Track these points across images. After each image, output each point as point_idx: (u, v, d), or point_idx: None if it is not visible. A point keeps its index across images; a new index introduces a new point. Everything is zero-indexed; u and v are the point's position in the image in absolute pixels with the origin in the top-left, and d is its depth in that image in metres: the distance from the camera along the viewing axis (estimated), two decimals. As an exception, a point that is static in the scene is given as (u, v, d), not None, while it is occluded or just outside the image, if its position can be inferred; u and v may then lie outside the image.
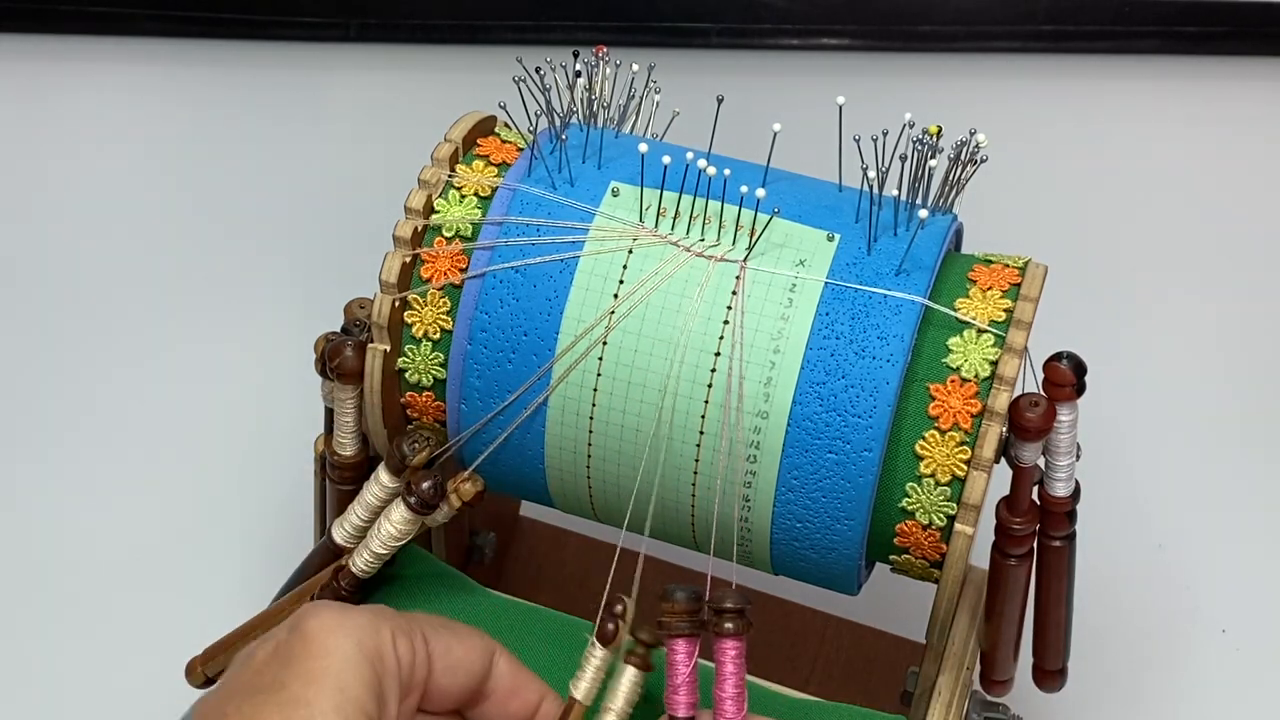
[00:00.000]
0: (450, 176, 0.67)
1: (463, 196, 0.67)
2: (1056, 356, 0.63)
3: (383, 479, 0.66)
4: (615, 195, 0.65)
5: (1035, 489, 0.65)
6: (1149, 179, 1.09)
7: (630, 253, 0.64)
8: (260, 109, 1.10)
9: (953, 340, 0.63)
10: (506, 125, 0.70)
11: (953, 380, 0.62)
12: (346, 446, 0.70)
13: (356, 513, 0.67)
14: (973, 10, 1.14)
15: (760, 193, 0.63)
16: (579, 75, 0.68)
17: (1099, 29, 1.14)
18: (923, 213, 0.64)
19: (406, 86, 1.12)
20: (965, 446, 0.62)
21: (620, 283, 0.64)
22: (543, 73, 0.67)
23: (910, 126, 0.64)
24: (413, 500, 0.65)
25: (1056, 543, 0.67)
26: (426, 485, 0.64)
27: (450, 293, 0.66)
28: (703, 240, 0.64)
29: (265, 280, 1.02)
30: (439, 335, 0.66)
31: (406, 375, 0.67)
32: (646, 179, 0.65)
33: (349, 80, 1.13)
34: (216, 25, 1.13)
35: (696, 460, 0.63)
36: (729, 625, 0.58)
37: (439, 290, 0.66)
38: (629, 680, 0.59)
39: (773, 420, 0.62)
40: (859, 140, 0.63)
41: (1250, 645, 0.88)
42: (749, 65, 1.14)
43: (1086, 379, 0.63)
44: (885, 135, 0.63)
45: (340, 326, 0.69)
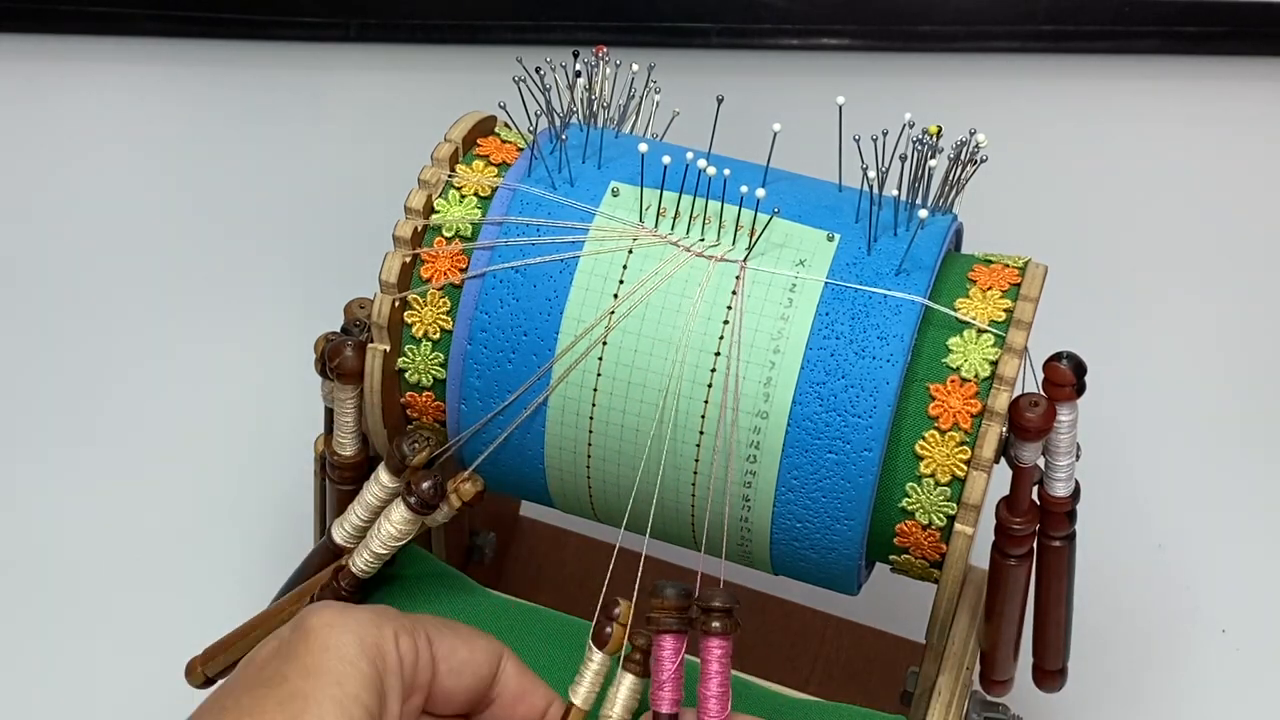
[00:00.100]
0: (450, 176, 0.67)
1: (463, 196, 0.67)
2: (1056, 356, 0.63)
3: (383, 479, 0.66)
4: (615, 195, 0.65)
5: (1035, 489, 0.65)
6: (1149, 179, 1.09)
7: (630, 253, 0.64)
8: (260, 109, 1.10)
9: (953, 340, 0.63)
10: (506, 125, 0.70)
11: (953, 380, 0.62)
12: (346, 446, 0.70)
13: (356, 513, 0.67)
14: (973, 10, 1.14)
15: (760, 193, 0.63)
16: (579, 75, 0.68)
17: (1099, 29, 1.14)
18: (923, 213, 0.64)
19: (406, 86, 1.12)
20: (965, 446, 0.62)
21: (620, 283, 0.64)
22: (543, 73, 0.67)
23: (910, 126, 0.64)
24: (413, 500, 0.64)
25: (1056, 543, 0.67)
26: (426, 485, 0.64)
27: (450, 293, 0.66)
28: (703, 240, 0.64)
29: (265, 280, 1.01)
30: (439, 335, 0.66)
31: (406, 375, 0.67)
32: (646, 179, 0.65)
33: (349, 80, 1.13)
34: (216, 25, 1.13)
35: (696, 460, 0.63)
36: (716, 624, 0.58)
37: (439, 290, 0.66)
38: (628, 687, 0.59)
39: (773, 420, 0.62)
40: (859, 140, 0.63)
41: (1250, 645, 0.88)
42: (749, 65, 1.14)
43: (1086, 379, 0.63)
44: (885, 135, 0.63)
45: (340, 326, 0.69)
